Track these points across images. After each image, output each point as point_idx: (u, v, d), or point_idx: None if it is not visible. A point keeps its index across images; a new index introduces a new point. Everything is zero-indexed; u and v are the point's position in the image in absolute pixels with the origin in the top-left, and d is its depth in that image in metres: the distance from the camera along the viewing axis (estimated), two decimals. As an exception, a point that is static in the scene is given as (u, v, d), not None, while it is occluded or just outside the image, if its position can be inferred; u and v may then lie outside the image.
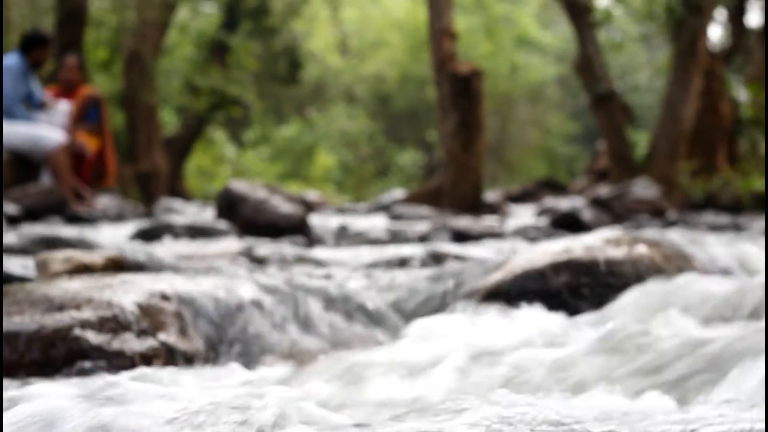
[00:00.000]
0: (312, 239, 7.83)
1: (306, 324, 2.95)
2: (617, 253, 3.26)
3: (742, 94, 18.39)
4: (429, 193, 15.40)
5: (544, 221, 10.36)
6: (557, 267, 3.20)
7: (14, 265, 3.55)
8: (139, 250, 4.95)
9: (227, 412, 1.65)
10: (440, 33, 15.59)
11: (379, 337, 3.02)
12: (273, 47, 29.79)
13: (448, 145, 14.80)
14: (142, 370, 2.31)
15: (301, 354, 2.73)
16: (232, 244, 5.84)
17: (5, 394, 1.83)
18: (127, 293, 2.62)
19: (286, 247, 6.40)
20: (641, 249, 3.33)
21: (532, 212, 14.48)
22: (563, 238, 3.61)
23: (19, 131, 11.51)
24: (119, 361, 2.39)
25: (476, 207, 14.14)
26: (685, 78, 16.29)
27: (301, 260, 5.09)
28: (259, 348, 2.79)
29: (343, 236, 8.21)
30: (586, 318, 2.92)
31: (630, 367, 1.99)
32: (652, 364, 1.98)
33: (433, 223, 9.51)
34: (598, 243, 3.34)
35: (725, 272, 3.64)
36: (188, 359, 2.56)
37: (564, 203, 12.61)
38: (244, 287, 3.01)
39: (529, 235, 8.38)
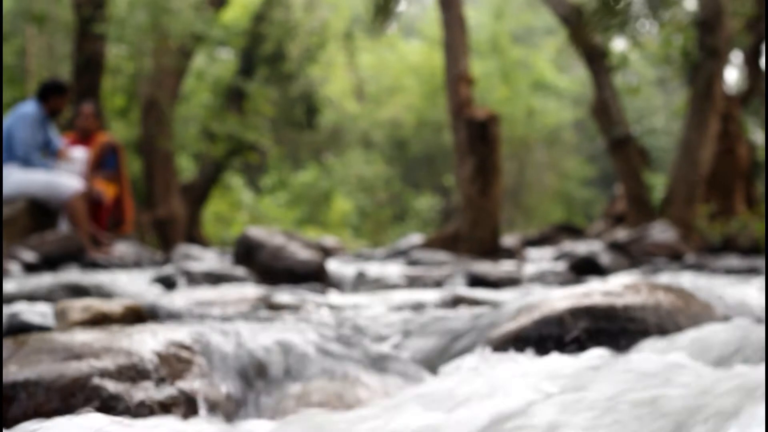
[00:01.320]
0: (330, 285, 7.82)
1: (326, 371, 2.94)
2: (637, 299, 3.25)
3: (759, 136, 18.41)
4: (446, 237, 15.37)
5: (562, 265, 10.33)
6: (576, 313, 3.19)
7: (33, 313, 3.55)
8: (157, 298, 4.96)
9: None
10: (457, 78, 15.65)
11: (399, 384, 3.01)
12: (290, 93, 29.93)
13: (465, 190, 14.80)
14: (161, 420, 2.30)
15: (322, 401, 2.72)
16: (250, 290, 5.83)
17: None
18: (146, 342, 2.62)
19: (304, 293, 6.39)
20: (660, 295, 3.32)
21: (549, 256, 14.45)
22: (582, 283, 3.60)
23: (36, 179, 11.56)
24: (138, 410, 2.39)
25: (494, 251, 14.12)
26: (702, 121, 16.29)
27: (319, 306, 5.08)
28: (279, 396, 2.78)
29: (361, 282, 8.20)
30: (604, 364, 2.91)
31: (643, 412, 1.98)
32: (664, 410, 1.98)
33: (451, 268, 9.49)
34: (618, 289, 3.33)
35: (742, 316, 3.62)
36: (208, 408, 2.55)
37: (582, 247, 12.60)
38: (263, 334, 3.01)
39: (547, 279, 8.35)
